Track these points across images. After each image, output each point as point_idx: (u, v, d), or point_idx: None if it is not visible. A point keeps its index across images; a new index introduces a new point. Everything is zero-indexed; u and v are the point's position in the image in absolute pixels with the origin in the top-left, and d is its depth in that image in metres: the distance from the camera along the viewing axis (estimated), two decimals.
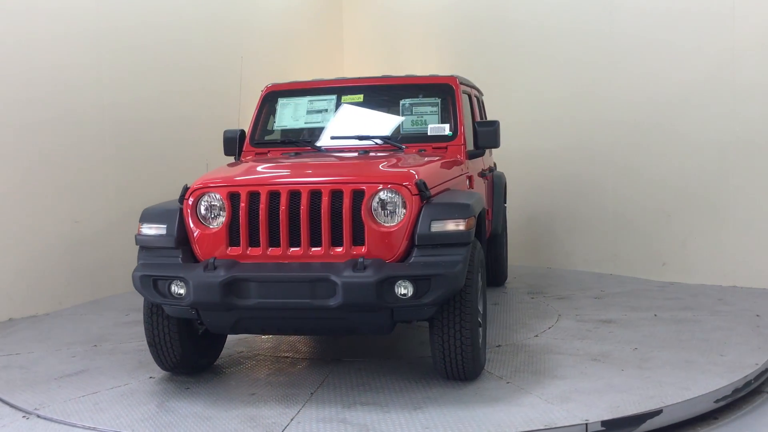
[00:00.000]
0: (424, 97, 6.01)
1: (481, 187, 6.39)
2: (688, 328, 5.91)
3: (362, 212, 4.41)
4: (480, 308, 4.95)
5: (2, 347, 5.92)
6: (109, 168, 7.65)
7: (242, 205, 4.52)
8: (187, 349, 4.89)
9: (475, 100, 7.31)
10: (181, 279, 4.41)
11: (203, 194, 4.65)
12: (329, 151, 5.71)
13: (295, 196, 4.48)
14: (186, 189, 4.72)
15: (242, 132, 6.08)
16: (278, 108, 6.16)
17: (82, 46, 7.48)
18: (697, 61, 7.73)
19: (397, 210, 4.46)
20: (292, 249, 4.47)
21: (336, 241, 4.44)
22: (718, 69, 7.59)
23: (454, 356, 4.55)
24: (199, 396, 4.64)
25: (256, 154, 5.94)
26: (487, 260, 7.51)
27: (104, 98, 7.67)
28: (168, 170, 8.00)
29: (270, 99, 6.21)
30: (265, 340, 5.86)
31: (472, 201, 4.62)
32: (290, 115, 6.10)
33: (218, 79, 8.72)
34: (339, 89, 6.14)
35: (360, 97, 6.11)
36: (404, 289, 4.25)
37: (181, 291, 4.43)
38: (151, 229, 4.71)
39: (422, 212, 4.43)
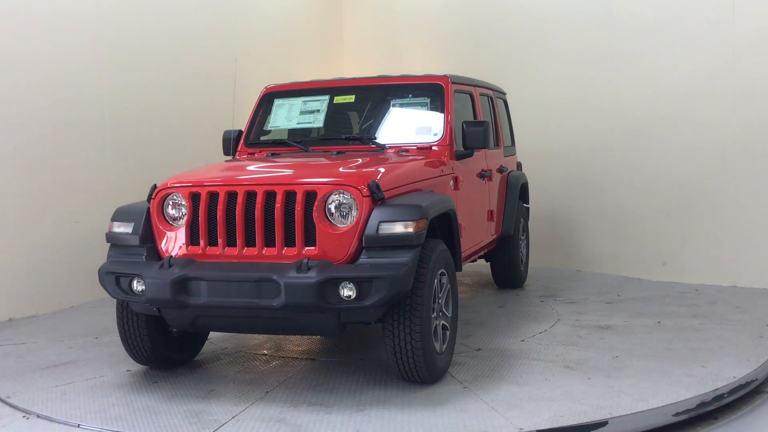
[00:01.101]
0: (414, 97, 5.98)
1: (477, 187, 6.29)
2: (684, 336, 5.66)
3: (314, 213, 4.44)
4: (448, 311, 4.91)
5: (12, 337, 6.22)
6: (109, 168, 7.66)
7: (201, 204, 4.62)
8: (158, 344, 5.03)
9: (491, 101, 7.22)
10: (140, 276, 4.55)
11: (168, 194, 4.78)
12: (315, 151, 5.75)
13: (251, 196, 4.55)
14: (153, 188, 4.86)
15: (240, 132, 6.21)
16: (273, 109, 6.25)
17: (82, 47, 7.47)
18: (697, 62, 7.74)
19: (348, 211, 4.46)
20: (247, 249, 4.54)
21: (289, 241, 4.48)
22: (718, 69, 7.60)
23: (405, 360, 4.52)
24: (161, 390, 4.77)
25: (249, 154, 6.05)
26: (500, 262, 7.44)
27: (104, 98, 7.66)
28: (168, 170, 7.76)
29: (267, 100, 6.30)
30: (251, 338, 5.96)
31: (427, 203, 4.56)
32: (284, 115, 6.17)
33: (219, 79, 8.53)
34: (331, 90, 6.16)
35: (352, 98, 6.13)
36: (348, 291, 4.25)
37: (141, 288, 4.57)
38: (119, 228, 4.87)
39: (372, 214, 4.42)
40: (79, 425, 4.25)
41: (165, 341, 5.09)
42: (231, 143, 6.13)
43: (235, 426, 4.12)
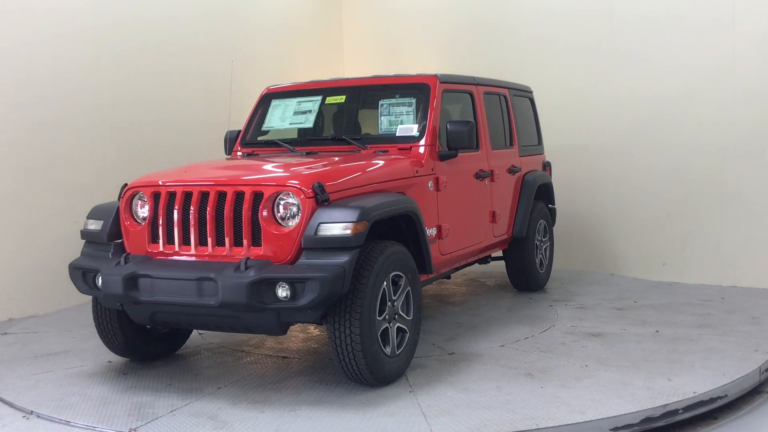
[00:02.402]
0: (401, 97, 5.93)
1: (471, 188, 6.17)
2: (674, 347, 5.38)
3: (259, 214, 4.51)
4: (407, 314, 4.88)
5: (29, 326, 6.59)
6: (109, 168, 7.60)
7: (161, 204, 4.77)
8: (131, 337, 5.22)
9: (505, 99, 7.08)
10: (99, 272, 4.75)
11: (135, 193, 4.96)
12: (299, 151, 5.80)
13: (205, 196, 4.66)
14: (123, 187, 5.05)
15: (240, 132, 6.36)
16: (270, 109, 6.35)
17: (82, 47, 7.45)
18: (697, 62, 7.73)
19: (293, 212, 4.50)
20: (200, 248, 4.66)
21: (238, 241, 4.57)
22: (717, 69, 7.60)
23: (348, 361, 4.52)
24: (124, 381, 4.96)
25: (247, 154, 6.17)
26: (514, 264, 7.29)
27: (104, 98, 7.64)
28: None
29: (266, 100, 6.42)
30: (238, 334, 6.08)
31: (370, 205, 4.54)
32: (279, 116, 6.26)
33: (219, 79, 8.41)
34: (325, 90, 6.21)
35: (342, 98, 6.15)
36: (284, 292, 4.29)
37: (101, 283, 4.76)
38: (91, 225, 5.10)
39: (314, 215, 4.44)
40: (32, 412, 4.48)
41: (139, 334, 5.27)
42: (230, 143, 6.29)
43: (165, 420, 4.25)
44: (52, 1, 7.25)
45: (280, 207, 4.53)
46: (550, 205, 7.88)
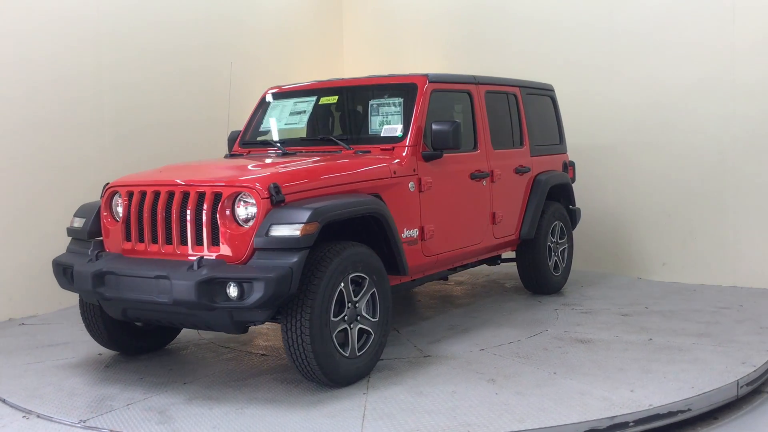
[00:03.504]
0: (390, 97, 5.92)
1: (464, 189, 6.07)
2: (655, 357, 5.16)
3: (218, 214, 4.59)
4: (372, 315, 4.87)
5: (48, 318, 6.91)
6: (109, 168, 7.34)
7: (133, 203, 4.93)
8: (115, 331, 5.40)
9: (516, 98, 6.95)
10: (73, 268, 4.95)
11: (114, 193, 5.14)
12: (289, 152, 5.85)
13: (171, 196, 4.78)
14: (105, 187, 5.23)
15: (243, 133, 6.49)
16: (269, 110, 6.45)
17: (82, 47, 7.43)
18: (697, 61, 7.73)
19: (251, 213, 4.56)
20: (166, 246, 4.78)
21: (200, 240, 4.67)
22: (717, 69, 7.61)
23: (300, 361, 4.55)
24: (101, 374, 5.14)
25: (246, 153, 6.28)
26: (523, 266, 7.15)
27: (104, 98, 7.63)
28: None
29: (266, 101, 6.51)
30: None
31: (323, 206, 4.55)
32: (276, 116, 6.35)
33: (219, 79, 8.31)
34: (318, 91, 6.25)
35: (335, 99, 6.18)
36: (233, 291, 4.36)
37: None
38: (76, 222, 5.32)
39: (266, 216, 4.49)
40: (4, 400, 4.71)
41: (124, 329, 5.44)
42: (231, 143, 6.42)
43: (118, 413, 4.38)
44: (52, 1, 7.26)
45: (239, 208, 4.59)
46: (570, 206, 7.70)
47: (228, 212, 4.59)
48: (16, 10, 6.99)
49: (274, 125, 6.34)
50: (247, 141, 6.39)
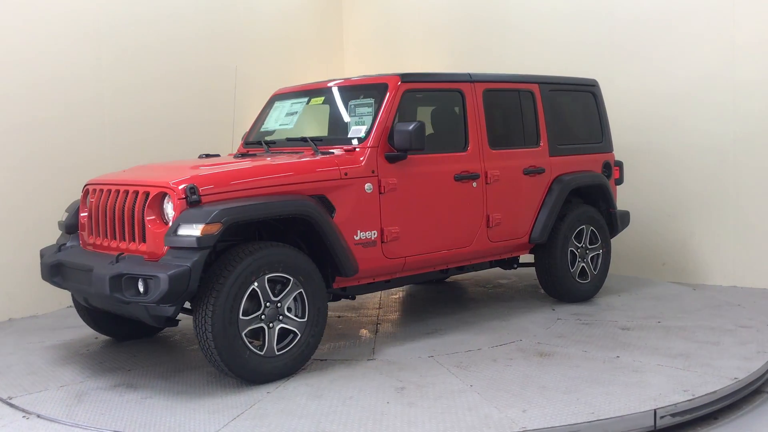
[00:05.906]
0: (364, 98, 5.89)
1: (444, 191, 5.89)
2: (598, 377, 4.74)
3: (144, 212, 4.87)
4: (299, 316, 4.95)
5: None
6: (109, 168, 7.08)
7: (93, 200, 5.34)
8: (98, 318, 5.84)
9: (532, 95, 6.65)
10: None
11: (88, 191, 5.58)
12: (274, 152, 6.00)
13: (117, 194, 5.14)
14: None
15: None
16: (271, 111, 6.63)
17: (82, 47, 7.50)
18: (697, 61, 7.79)
19: (171, 213, 4.79)
20: (113, 241, 5.14)
21: (133, 237, 4.96)
22: (718, 68, 7.66)
23: (209, 356, 4.72)
24: (72, 357, 5.58)
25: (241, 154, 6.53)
26: (540, 272, 6.83)
27: (104, 98, 7.68)
28: None
29: (271, 102, 6.71)
30: None
31: (229, 207, 4.66)
32: (275, 117, 6.52)
33: (219, 79, 8.34)
34: (309, 93, 6.35)
35: (321, 100, 6.25)
36: (141, 287, 4.61)
37: None
38: (63, 217, 5.81)
39: (179, 216, 4.70)
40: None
41: (107, 315, 5.79)
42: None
43: (42, 395, 4.74)
44: (53, 1, 7.33)
45: (167, 208, 4.83)
46: (610, 210, 7.22)
47: (153, 211, 4.84)
48: (16, 10, 7.08)
49: (271, 126, 6.52)
50: (250, 141, 6.63)
